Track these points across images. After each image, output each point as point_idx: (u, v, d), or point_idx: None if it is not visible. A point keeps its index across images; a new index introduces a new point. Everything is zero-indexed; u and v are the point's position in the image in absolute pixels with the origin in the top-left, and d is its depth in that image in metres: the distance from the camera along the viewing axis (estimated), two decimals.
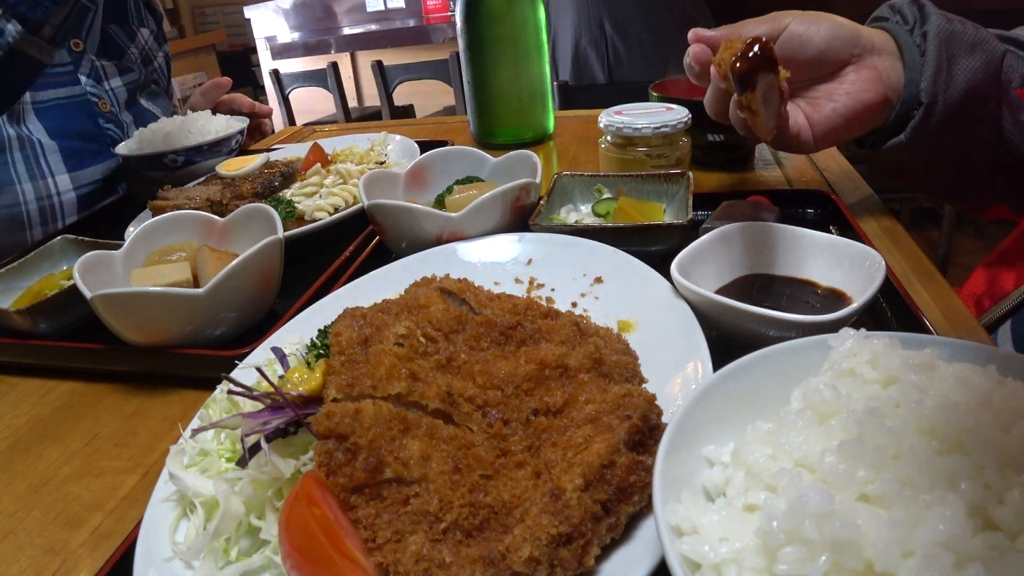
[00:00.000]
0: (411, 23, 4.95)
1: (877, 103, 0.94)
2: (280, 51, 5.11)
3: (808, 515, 0.37)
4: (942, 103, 0.91)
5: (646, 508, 0.50)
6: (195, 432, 0.63)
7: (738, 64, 0.72)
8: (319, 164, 1.31)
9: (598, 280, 0.80)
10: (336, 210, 1.15)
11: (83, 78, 1.42)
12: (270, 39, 5.18)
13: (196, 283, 0.90)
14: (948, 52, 0.90)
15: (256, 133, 1.84)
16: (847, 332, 0.50)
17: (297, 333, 0.77)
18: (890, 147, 0.96)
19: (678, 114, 1.10)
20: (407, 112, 4.11)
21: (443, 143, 1.30)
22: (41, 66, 1.03)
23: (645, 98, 1.28)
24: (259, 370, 0.61)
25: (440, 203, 1.04)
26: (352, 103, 4.13)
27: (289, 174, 1.28)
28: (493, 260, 0.88)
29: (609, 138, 1.14)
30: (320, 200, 1.17)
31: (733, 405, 0.50)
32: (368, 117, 4.01)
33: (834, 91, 0.94)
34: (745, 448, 0.45)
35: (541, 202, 0.97)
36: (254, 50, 5.50)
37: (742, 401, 0.50)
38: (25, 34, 0.99)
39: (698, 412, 0.48)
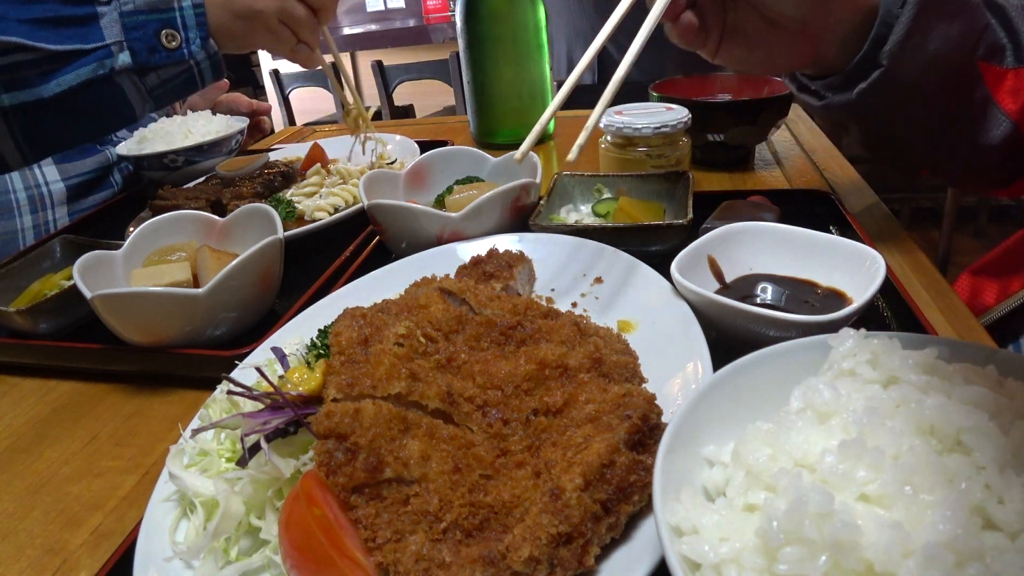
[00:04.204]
0: (411, 23, 4.95)
1: (800, 64, 0.89)
2: None
3: (808, 515, 0.37)
4: (904, 70, 0.82)
5: (646, 508, 0.50)
6: (195, 432, 0.63)
7: None
8: (319, 164, 1.31)
9: (598, 280, 0.80)
10: (336, 210, 1.15)
11: None
12: None
13: (196, 283, 0.90)
14: (927, 16, 0.81)
15: (256, 132, 1.84)
16: (847, 332, 0.50)
17: (297, 333, 0.77)
18: (835, 103, 0.89)
19: (678, 114, 1.10)
20: (407, 112, 4.10)
21: (443, 143, 1.30)
22: (130, 110, 1.03)
23: (645, 98, 1.28)
24: (259, 370, 0.61)
25: (440, 203, 1.04)
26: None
27: (289, 174, 1.28)
28: None
29: (609, 138, 1.14)
30: (320, 200, 1.17)
31: (733, 405, 0.50)
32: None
33: (759, 41, 0.85)
34: (745, 448, 0.45)
35: (541, 202, 0.97)
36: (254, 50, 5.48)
37: (742, 401, 0.50)
38: (131, 70, 0.99)
39: (698, 412, 0.48)
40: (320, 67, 1.23)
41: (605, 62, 2.29)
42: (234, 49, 1.11)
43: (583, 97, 0.93)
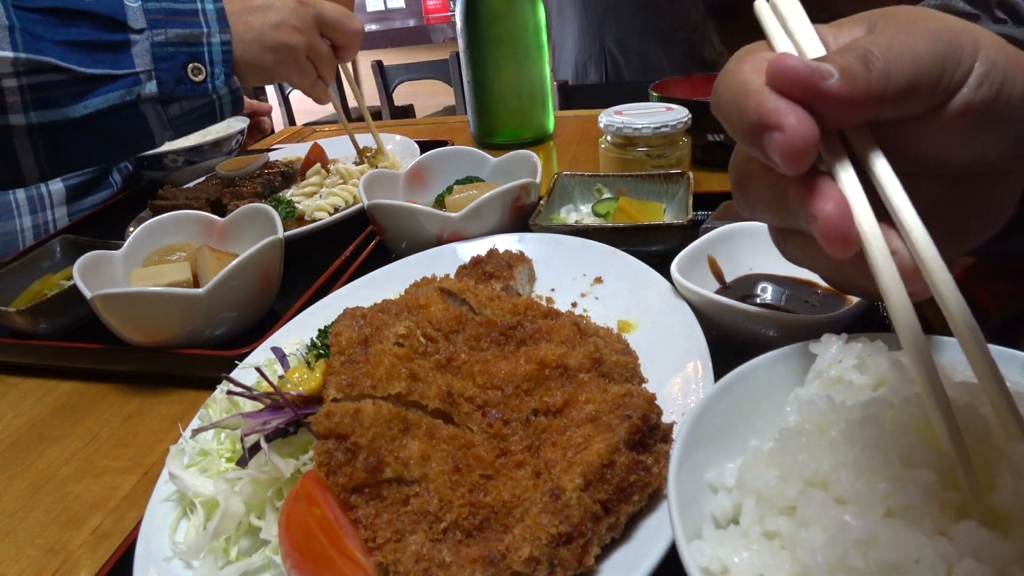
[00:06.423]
0: (411, 23, 4.96)
1: (1002, 221, 0.48)
2: None
3: (851, 543, 0.35)
4: None
5: (646, 508, 0.50)
6: (195, 432, 0.63)
7: None
8: (319, 164, 1.31)
9: (598, 280, 0.80)
10: (336, 210, 1.15)
11: None
12: None
13: (196, 283, 0.90)
14: None
15: (256, 132, 1.84)
16: (830, 338, 0.49)
17: (297, 333, 0.77)
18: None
19: (678, 114, 1.10)
20: (407, 112, 4.10)
21: (443, 143, 1.30)
22: (150, 138, 1.06)
23: (645, 98, 1.28)
24: (259, 370, 0.61)
25: (440, 203, 1.04)
26: (352, 103, 4.13)
27: (289, 174, 1.28)
28: None
29: (609, 138, 1.14)
30: (320, 200, 1.17)
31: (725, 425, 0.48)
32: None
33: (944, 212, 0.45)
34: (750, 472, 0.42)
35: (541, 202, 0.97)
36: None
37: (734, 420, 0.48)
38: (156, 99, 1.01)
39: (694, 438, 0.46)
40: (331, 104, 1.28)
41: (610, 62, 2.29)
42: (258, 81, 1.13)
43: (586, 97, 0.93)
